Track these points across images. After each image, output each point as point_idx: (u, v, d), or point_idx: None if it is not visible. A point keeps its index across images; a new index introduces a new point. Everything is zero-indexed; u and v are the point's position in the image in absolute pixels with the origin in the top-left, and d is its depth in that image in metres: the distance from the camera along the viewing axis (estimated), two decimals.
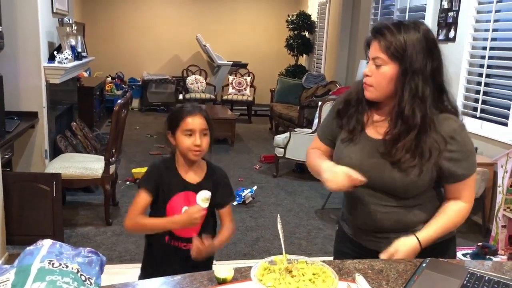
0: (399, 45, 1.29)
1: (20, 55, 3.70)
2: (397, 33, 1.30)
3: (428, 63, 1.30)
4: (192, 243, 1.56)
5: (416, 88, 1.30)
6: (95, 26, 8.38)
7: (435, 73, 1.32)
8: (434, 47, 1.33)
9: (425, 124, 1.31)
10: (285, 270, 1.09)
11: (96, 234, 3.41)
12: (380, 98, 1.38)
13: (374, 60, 1.33)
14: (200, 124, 1.62)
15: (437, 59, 1.33)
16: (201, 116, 1.63)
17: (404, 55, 1.29)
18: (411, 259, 1.34)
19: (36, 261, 0.94)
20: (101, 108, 7.07)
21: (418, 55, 1.29)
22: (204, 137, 1.64)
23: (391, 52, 1.30)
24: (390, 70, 1.32)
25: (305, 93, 7.04)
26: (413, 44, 1.29)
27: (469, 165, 1.37)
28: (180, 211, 1.62)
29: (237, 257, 3.18)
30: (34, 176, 3.23)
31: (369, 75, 1.35)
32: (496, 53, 3.87)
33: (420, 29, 1.32)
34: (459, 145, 1.34)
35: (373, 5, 6.14)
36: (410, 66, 1.29)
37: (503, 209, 3.22)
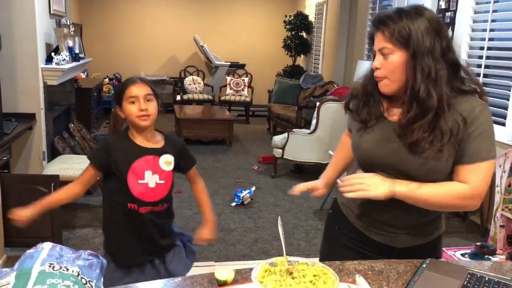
0: (403, 31, 1.26)
1: (18, 56, 3.69)
2: (399, 20, 1.28)
3: (437, 43, 1.27)
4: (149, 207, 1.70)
5: (429, 69, 1.26)
6: (92, 27, 8.37)
7: (445, 52, 1.29)
8: (439, 26, 1.29)
9: (443, 105, 1.27)
10: (285, 272, 1.09)
11: (94, 235, 3.40)
12: (396, 89, 1.33)
13: (381, 51, 1.31)
14: (143, 90, 1.68)
15: (445, 37, 1.30)
16: (142, 83, 1.70)
17: (409, 40, 1.26)
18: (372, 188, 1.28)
19: (37, 264, 0.94)
20: (99, 109, 7.04)
21: (424, 36, 1.26)
22: (149, 102, 1.68)
23: (396, 39, 1.27)
24: (398, 57, 1.28)
25: (303, 94, 7.05)
26: (417, 26, 1.26)
27: (484, 148, 1.29)
28: (143, 177, 1.68)
29: (236, 258, 3.18)
30: (32, 178, 3.21)
31: (378, 68, 1.32)
32: (494, 53, 3.88)
33: (421, 12, 1.29)
34: (478, 124, 1.28)
35: (370, 5, 6.15)
36: (417, 48, 1.26)
37: (501, 209, 3.23)
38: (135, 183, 1.68)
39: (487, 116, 1.30)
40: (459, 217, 4.05)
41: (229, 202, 4.19)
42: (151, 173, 1.69)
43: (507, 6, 3.76)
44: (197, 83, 8.42)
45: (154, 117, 1.70)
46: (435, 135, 1.28)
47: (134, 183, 1.68)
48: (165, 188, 1.73)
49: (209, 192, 4.71)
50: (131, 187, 1.68)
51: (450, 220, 3.98)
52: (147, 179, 1.69)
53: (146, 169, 1.69)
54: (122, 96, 1.69)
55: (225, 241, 3.42)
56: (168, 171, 1.73)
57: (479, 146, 1.28)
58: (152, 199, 1.71)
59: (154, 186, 1.70)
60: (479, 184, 1.30)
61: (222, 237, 3.48)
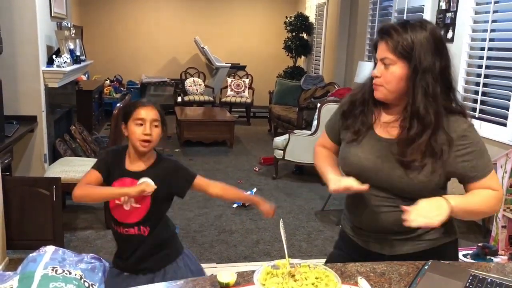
0: (407, 44, 1.29)
1: (19, 59, 3.70)
2: (404, 33, 1.30)
3: (437, 62, 1.30)
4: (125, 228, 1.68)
5: (427, 87, 1.29)
6: (93, 29, 8.38)
7: (443, 72, 1.32)
8: (441, 45, 1.32)
9: (438, 123, 1.31)
10: (288, 274, 1.09)
11: (96, 237, 3.40)
12: (390, 97, 1.37)
13: (383, 61, 1.33)
14: (151, 115, 1.67)
15: (445, 57, 1.33)
16: (153, 108, 1.69)
17: (412, 54, 1.29)
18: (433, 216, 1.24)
19: (40, 268, 0.94)
20: (100, 111, 7.06)
21: (426, 53, 1.29)
22: (155, 128, 1.68)
23: (399, 52, 1.30)
24: (399, 69, 1.31)
25: (303, 95, 7.05)
26: (420, 42, 1.28)
27: (486, 163, 1.36)
28: (119, 198, 1.67)
29: (237, 260, 3.18)
30: (33, 180, 3.22)
31: (378, 76, 1.35)
32: (494, 54, 3.88)
33: (426, 27, 1.31)
34: (471, 144, 1.33)
35: (371, 7, 6.15)
36: (419, 65, 1.29)
37: (503, 209, 3.23)
38: (113, 203, 1.69)
39: (477, 133, 1.37)
40: None
41: (231, 204, 4.19)
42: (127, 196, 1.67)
43: (507, 6, 3.75)
44: (198, 85, 8.43)
45: (155, 144, 1.70)
46: (427, 154, 1.32)
47: (112, 202, 1.69)
48: (140, 211, 1.68)
49: None
50: (111, 206, 1.70)
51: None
52: (122, 201, 1.68)
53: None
54: (130, 115, 1.68)
55: (226, 243, 3.42)
56: (145, 196, 1.66)
57: (482, 162, 1.35)
58: (128, 221, 1.69)
59: (129, 209, 1.68)
60: (499, 183, 1.40)
61: (224, 239, 3.48)
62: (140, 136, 1.65)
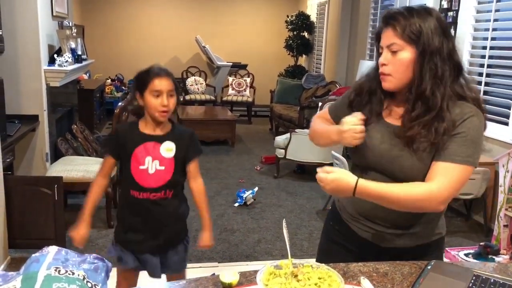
0: (415, 28, 1.27)
1: (21, 58, 3.70)
2: (410, 17, 1.28)
3: (444, 43, 1.29)
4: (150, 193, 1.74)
5: (436, 68, 1.28)
6: (94, 28, 8.38)
7: (451, 53, 1.31)
8: (446, 27, 1.32)
9: (444, 105, 1.28)
10: (290, 275, 1.09)
11: (98, 237, 3.41)
12: (399, 87, 1.34)
13: (390, 47, 1.31)
14: (167, 85, 1.72)
15: (451, 40, 1.32)
16: (167, 78, 1.74)
17: (420, 37, 1.27)
18: (333, 192, 1.30)
19: (43, 268, 0.94)
20: (101, 110, 7.06)
21: (434, 36, 1.27)
22: (171, 98, 1.73)
23: (407, 35, 1.27)
24: (407, 54, 1.29)
25: (305, 94, 7.05)
26: (428, 25, 1.27)
27: (463, 152, 1.26)
28: (144, 162, 1.72)
29: (239, 259, 3.18)
30: (35, 179, 3.22)
31: (385, 64, 1.32)
32: (496, 53, 3.87)
33: (432, 12, 1.31)
34: (463, 128, 1.27)
35: (372, 5, 6.14)
36: (428, 47, 1.27)
37: (505, 208, 3.22)
38: (136, 169, 1.73)
39: (477, 122, 1.29)
40: (462, 216, 4.04)
41: (232, 203, 4.19)
42: (151, 159, 1.72)
43: (509, 5, 3.75)
44: (199, 84, 8.43)
45: (171, 112, 1.75)
46: (430, 133, 1.28)
47: (135, 169, 1.73)
48: (165, 174, 1.74)
49: (212, 193, 4.71)
50: (133, 172, 1.73)
51: (453, 220, 3.97)
52: (147, 165, 1.72)
53: (146, 155, 1.73)
54: (146, 86, 1.72)
55: (228, 242, 3.42)
56: (169, 158, 1.74)
57: (457, 148, 1.27)
58: (153, 185, 1.74)
59: (154, 172, 1.73)
60: (446, 186, 1.26)
61: (225, 238, 3.48)
62: (158, 107, 1.70)
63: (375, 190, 1.28)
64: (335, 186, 1.29)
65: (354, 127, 1.35)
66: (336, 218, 1.58)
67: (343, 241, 1.55)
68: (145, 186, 1.73)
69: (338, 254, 1.54)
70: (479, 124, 1.30)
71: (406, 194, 1.27)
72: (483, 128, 1.31)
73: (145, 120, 1.78)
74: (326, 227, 1.67)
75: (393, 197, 1.27)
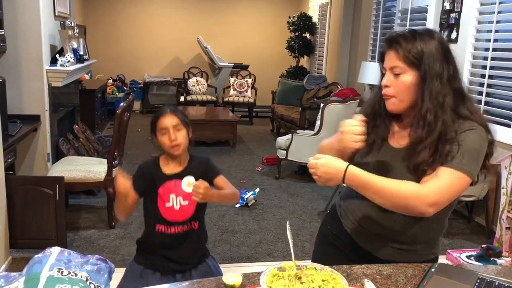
0: (417, 52, 1.28)
1: (23, 58, 3.70)
2: (413, 41, 1.30)
3: (445, 69, 1.29)
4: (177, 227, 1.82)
5: (437, 93, 1.28)
6: (96, 28, 8.38)
7: (451, 79, 1.31)
8: (448, 53, 1.32)
9: (446, 130, 1.28)
10: (294, 277, 1.08)
11: (99, 237, 3.40)
12: (403, 109, 1.35)
13: (392, 70, 1.32)
14: (171, 121, 1.79)
15: (452, 64, 1.32)
16: (171, 114, 1.81)
17: (421, 61, 1.28)
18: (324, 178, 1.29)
19: (45, 269, 0.93)
20: (103, 110, 7.06)
21: (435, 60, 1.28)
22: (179, 132, 1.80)
23: (410, 60, 1.29)
24: (409, 77, 1.30)
25: (306, 95, 7.04)
26: (430, 50, 1.28)
27: (458, 158, 1.25)
28: (169, 199, 1.81)
29: (240, 260, 3.18)
30: (37, 179, 3.22)
31: (388, 86, 1.34)
32: (499, 54, 3.86)
33: (434, 36, 1.32)
34: (460, 138, 1.27)
35: (374, 7, 6.13)
36: (429, 71, 1.28)
37: (507, 210, 3.21)
38: (163, 207, 1.82)
39: (475, 136, 1.28)
40: (464, 218, 4.03)
41: (233, 204, 4.19)
42: (175, 196, 1.82)
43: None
44: (201, 84, 8.43)
45: (185, 146, 1.82)
46: (434, 158, 1.28)
47: (162, 206, 1.82)
48: (190, 208, 1.84)
49: None
50: (160, 210, 1.82)
51: (454, 222, 3.96)
52: (172, 202, 1.82)
53: (169, 193, 1.83)
54: (155, 127, 1.82)
55: (229, 243, 3.41)
56: (191, 192, 1.78)
57: (451, 155, 1.26)
58: (180, 219, 1.83)
59: (179, 208, 1.82)
60: (435, 190, 1.24)
61: (227, 239, 3.47)
62: (169, 144, 1.79)
63: (364, 177, 1.27)
64: (325, 170, 1.29)
65: (354, 128, 1.33)
66: (335, 224, 1.57)
67: (342, 247, 1.54)
68: (173, 220, 1.83)
69: (335, 258, 1.52)
70: (479, 138, 1.29)
71: (394, 188, 1.26)
72: (482, 143, 1.29)
73: (165, 157, 1.87)
74: (323, 230, 1.66)
75: (382, 188, 1.26)
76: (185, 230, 1.84)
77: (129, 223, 3.60)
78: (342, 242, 1.54)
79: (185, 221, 1.84)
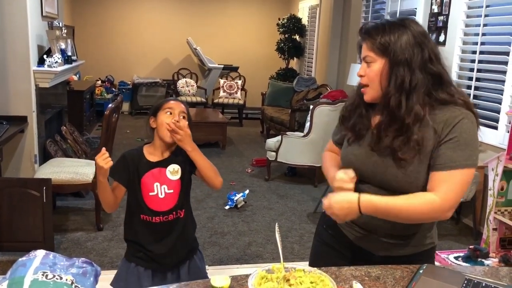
0: (384, 41, 1.32)
1: (9, 59, 3.65)
2: (382, 31, 1.33)
3: (416, 54, 1.30)
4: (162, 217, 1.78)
5: (402, 80, 1.30)
6: (85, 29, 8.32)
7: (426, 63, 1.31)
8: (422, 38, 1.32)
9: (415, 116, 1.29)
10: (282, 279, 1.08)
11: (87, 239, 3.37)
12: (377, 97, 1.37)
13: (365, 59, 1.37)
14: (180, 107, 1.80)
15: (429, 49, 1.32)
16: (180, 103, 1.84)
17: (388, 49, 1.31)
18: (343, 214, 1.33)
19: (29, 273, 0.92)
20: (91, 111, 7.01)
21: (402, 47, 1.30)
22: (183, 119, 1.79)
23: (377, 48, 1.33)
24: (378, 65, 1.34)
25: (296, 97, 7.05)
26: (397, 38, 1.31)
27: (460, 156, 1.26)
28: (153, 189, 1.77)
29: (229, 262, 3.17)
30: (23, 181, 3.18)
31: (362, 75, 1.38)
32: (486, 57, 3.91)
33: (406, 23, 1.33)
34: (455, 133, 1.28)
35: (364, 9, 6.17)
36: (394, 58, 1.30)
37: (494, 212, 3.24)
38: (147, 196, 1.78)
39: (468, 125, 1.29)
40: (452, 219, 4.06)
41: (223, 205, 4.17)
42: (159, 184, 1.78)
43: (499, 10, 3.79)
44: (190, 86, 8.40)
45: (184, 135, 1.75)
46: (409, 146, 1.30)
47: (146, 195, 1.78)
48: (174, 196, 1.80)
49: (202, 196, 4.68)
50: (145, 199, 1.78)
51: (442, 223, 3.98)
52: (156, 191, 1.77)
53: (154, 181, 1.78)
54: (160, 108, 1.80)
55: (218, 245, 3.40)
56: (175, 180, 1.79)
57: (454, 154, 1.27)
58: (164, 209, 1.79)
59: (164, 196, 1.78)
60: (450, 194, 1.27)
61: (216, 241, 3.46)
62: (169, 122, 1.73)
63: (379, 205, 1.30)
64: (339, 207, 1.33)
65: (343, 185, 1.38)
66: (329, 222, 1.57)
67: (337, 246, 1.56)
68: (157, 210, 1.79)
69: (330, 257, 1.55)
70: (471, 125, 1.30)
71: (411, 208, 1.29)
72: (476, 129, 1.31)
73: (152, 145, 1.83)
74: (319, 230, 1.68)
75: (400, 211, 1.30)
76: (170, 220, 1.80)
77: (118, 225, 3.57)
78: (337, 241, 1.55)
79: (171, 210, 1.79)
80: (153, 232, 1.81)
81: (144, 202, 1.78)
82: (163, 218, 1.79)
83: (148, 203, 1.78)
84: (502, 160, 3.20)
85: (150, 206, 1.78)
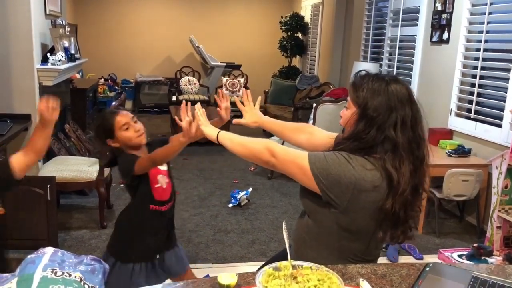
0: (361, 96, 1.43)
1: (13, 57, 3.66)
2: (366, 83, 1.44)
3: (383, 116, 1.37)
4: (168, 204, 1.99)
5: (359, 130, 1.42)
6: (87, 27, 8.32)
7: (388, 127, 1.37)
8: (397, 103, 1.38)
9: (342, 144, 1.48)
10: (290, 277, 1.08)
11: (90, 237, 3.38)
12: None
13: (347, 103, 1.53)
14: (127, 117, 1.91)
15: (397, 114, 1.38)
16: (122, 112, 1.93)
17: (362, 104, 1.42)
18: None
19: (39, 270, 0.92)
20: (94, 110, 7.00)
21: (375, 105, 1.39)
22: (137, 123, 1.93)
23: (353, 99, 1.47)
24: (350, 112, 1.48)
25: (298, 95, 7.05)
26: (373, 96, 1.40)
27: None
28: (157, 181, 1.94)
29: (233, 260, 3.17)
30: (28, 179, 3.15)
31: (341, 117, 1.54)
32: (490, 55, 3.89)
33: (390, 83, 1.42)
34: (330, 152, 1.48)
35: (367, 7, 6.15)
36: (363, 111, 1.41)
37: (498, 210, 3.24)
38: (154, 188, 1.94)
39: (337, 156, 1.41)
40: (456, 218, 4.06)
41: (226, 203, 4.18)
42: (162, 176, 1.96)
43: (503, 8, 3.77)
44: (193, 84, 8.40)
45: (145, 132, 1.96)
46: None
47: (154, 187, 1.94)
48: (170, 185, 2.01)
49: (206, 194, 4.68)
50: (154, 191, 1.94)
51: (446, 221, 3.99)
52: (161, 182, 1.95)
53: (157, 173, 1.94)
54: (113, 128, 1.89)
55: (222, 243, 3.40)
56: (165, 169, 1.99)
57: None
58: (167, 197, 1.98)
59: (166, 187, 1.97)
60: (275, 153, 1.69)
61: (219, 239, 3.46)
62: (135, 134, 1.90)
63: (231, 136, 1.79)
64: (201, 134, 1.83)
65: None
66: None
67: None
68: (163, 200, 1.97)
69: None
70: (337, 158, 1.40)
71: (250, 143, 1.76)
72: (339, 161, 1.40)
73: (133, 150, 1.94)
74: None
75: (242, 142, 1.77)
76: (169, 208, 2.00)
77: None
78: None
79: (170, 198, 1.99)
80: (156, 223, 1.98)
81: (152, 195, 1.94)
82: (165, 207, 1.98)
83: (156, 195, 1.95)
84: (506, 158, 3.19)
85: (157, 197, 1.95)
